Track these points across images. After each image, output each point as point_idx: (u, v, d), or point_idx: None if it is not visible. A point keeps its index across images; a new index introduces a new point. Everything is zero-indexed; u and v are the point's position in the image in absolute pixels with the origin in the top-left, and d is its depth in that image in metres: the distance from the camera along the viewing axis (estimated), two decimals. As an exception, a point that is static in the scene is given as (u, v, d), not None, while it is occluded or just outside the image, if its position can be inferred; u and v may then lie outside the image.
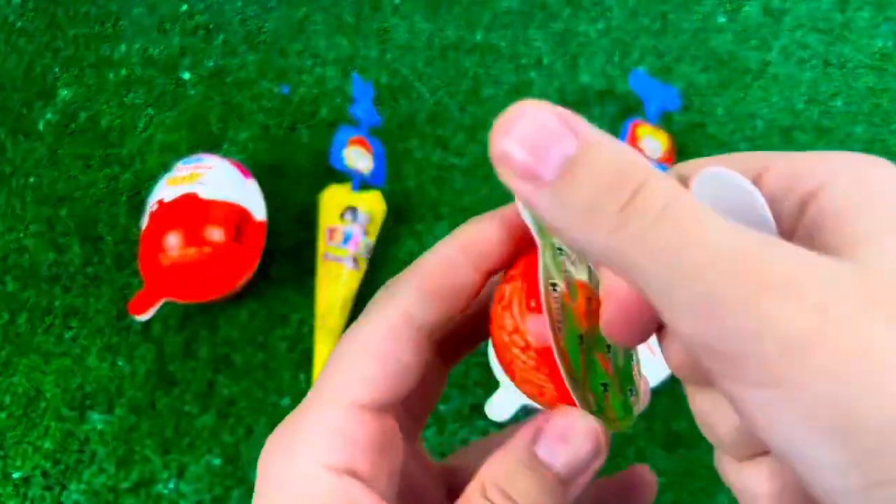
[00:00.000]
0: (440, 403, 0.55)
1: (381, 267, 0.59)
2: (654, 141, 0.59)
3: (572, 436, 0.20)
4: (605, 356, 0.21)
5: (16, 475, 0.54)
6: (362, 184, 0.58)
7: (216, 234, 0.54)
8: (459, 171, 0.63)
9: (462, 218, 0.21)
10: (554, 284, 0.20)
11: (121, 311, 0.58)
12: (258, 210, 0.57)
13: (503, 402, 0.52)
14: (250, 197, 0.57)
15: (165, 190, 0.55)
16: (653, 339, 0.19)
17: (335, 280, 0.56)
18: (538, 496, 0.19)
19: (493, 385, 0.54)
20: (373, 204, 0.58)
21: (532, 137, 0.16)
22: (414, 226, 0.61)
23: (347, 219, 0.57)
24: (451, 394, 0.55)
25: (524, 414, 0.53)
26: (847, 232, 0.16)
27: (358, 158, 0.59)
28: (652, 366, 0.49)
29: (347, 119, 0.63)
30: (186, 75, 0.67)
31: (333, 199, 0.58)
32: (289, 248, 0.60)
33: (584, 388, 0.20)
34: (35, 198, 0.63)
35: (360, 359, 0.20)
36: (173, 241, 0.53)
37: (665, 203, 0.15)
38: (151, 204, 0.56)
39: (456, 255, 0.21)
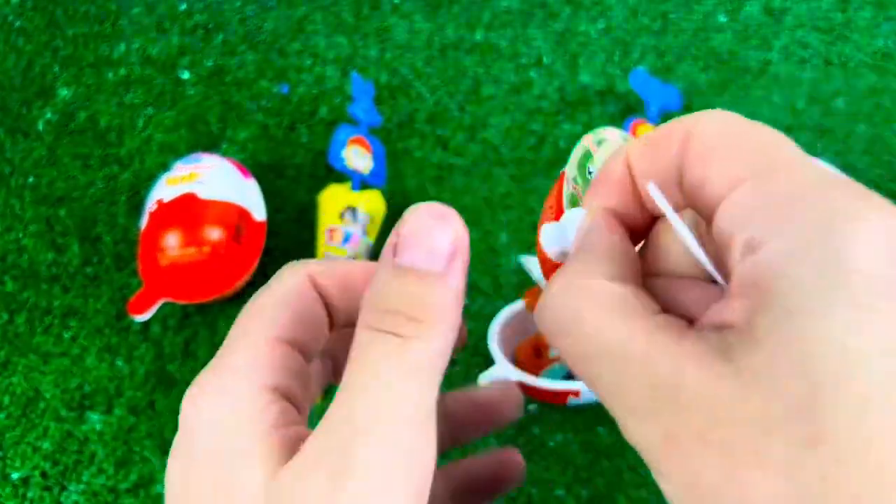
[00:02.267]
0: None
1: (380, 267, 0.59)
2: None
3: (425, 232, 0.20)
4: None
5: (15, 476, 0.54)
6: (362, 184, 0.58)
7: (215, 233, 0.54)
8: (459, 171, 0.62)
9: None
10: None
11: (120, 311, 0.58)
12: (257, 210, 0.57)
13: (497, 376, 0.52)
14: (249, 197, 0.57)
15: (164, 190, 0.55)
16: None
17: (335, 280, 0.56)
18: (420, 295, 0.20)
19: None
20: (372, 204, 0.58)
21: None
22: (414, 226, 0.60)
23: (347, 219, 0.57)
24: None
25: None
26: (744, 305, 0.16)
27: (358, 158, 0.58)
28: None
29: (347, 118, 0.63)
30: (185, 75, 0.67)
31: (333, 198, 0.58)
32: (288, 248, 0.60)
33: None
34: (34, 198, 0.63)
35: (278, 306, 0.22)
36: (172, 240, 0.53)
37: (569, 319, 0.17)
38: (150, 204, 0.55)
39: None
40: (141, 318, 0.54)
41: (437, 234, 0.20)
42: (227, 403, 0.20)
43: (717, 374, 0.15)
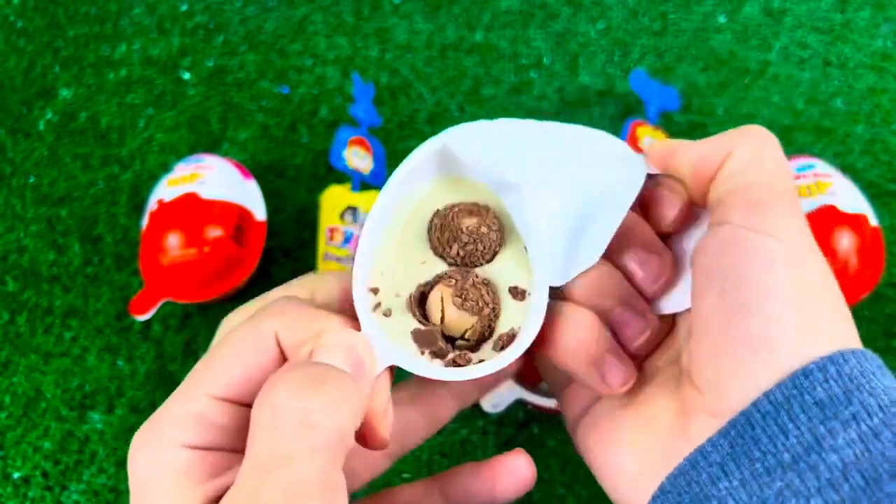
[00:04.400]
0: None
1: (381, 267, 0.59)
2: (655, 141, 0.59)
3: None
4: None
5: (16, 475, 0.54)
6: (362, 184, 0.58)
7: (216, 233, 0.54)
8: (459, 171, 0.62)
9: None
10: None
11: (121, 311, 0.58)
12: (258, 210, 0.57)
13: (501, 393, 0.52)
14: (250, 197, 0.57)
15: (165, 190, 0.55)
16: None
17: (335, 280, 0.56)
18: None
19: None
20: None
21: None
22: (414, 226, 0.60)
23: (347, 219, 0.57)
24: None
25: (520, 405, 0.53)
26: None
27: (358, 158, 0.58)
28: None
29: (347, 119, 0.63)
30: (186, 75, 0.67)
31: (333, 199, 0.58)
32: (289, 248, 0.60)
33: None
34: (35, 198, 0.63)
35: (229, 362, 0.23)
36: (173, 241, 0.53)
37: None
38: (151, 204, 0.56)
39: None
40: (142, 317, 0.54)
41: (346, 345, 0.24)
42: (153, 460, 0.22)
43: None
